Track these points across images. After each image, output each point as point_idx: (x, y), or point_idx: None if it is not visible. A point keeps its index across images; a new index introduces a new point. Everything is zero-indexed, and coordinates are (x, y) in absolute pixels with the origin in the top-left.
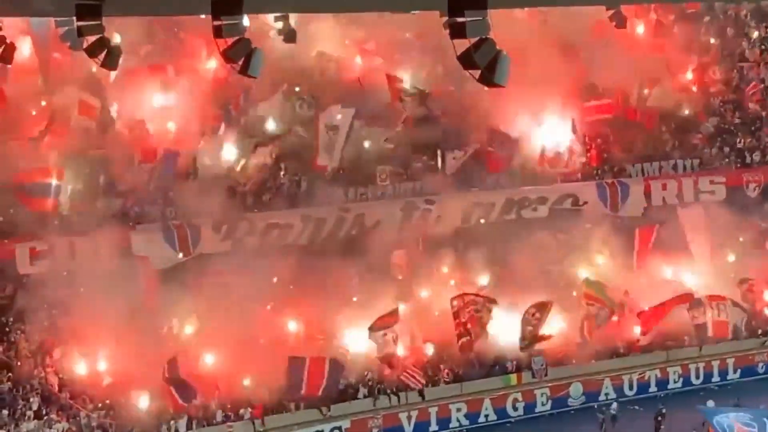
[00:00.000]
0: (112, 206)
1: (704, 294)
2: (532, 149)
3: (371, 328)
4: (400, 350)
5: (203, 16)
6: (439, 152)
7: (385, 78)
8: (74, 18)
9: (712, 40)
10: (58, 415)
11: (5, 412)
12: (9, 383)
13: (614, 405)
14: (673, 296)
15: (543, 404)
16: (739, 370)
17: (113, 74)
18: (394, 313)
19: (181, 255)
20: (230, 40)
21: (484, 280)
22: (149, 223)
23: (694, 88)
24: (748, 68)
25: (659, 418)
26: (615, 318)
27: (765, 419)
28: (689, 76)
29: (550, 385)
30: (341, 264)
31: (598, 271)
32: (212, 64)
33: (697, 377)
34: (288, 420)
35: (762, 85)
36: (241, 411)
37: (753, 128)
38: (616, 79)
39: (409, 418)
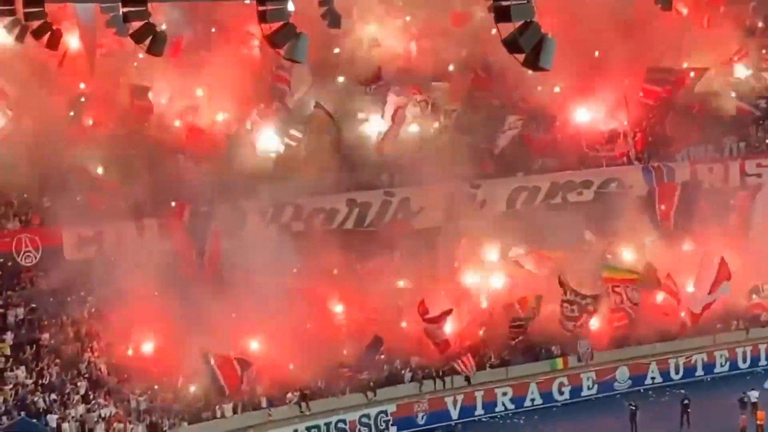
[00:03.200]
0: (157, 192)
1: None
2: (578, 132)
3: (425, 321)
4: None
5: (247, 1)
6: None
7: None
8: (119, 4)
9: (760, 24)
10: (106, 399)
11: (54, 396)
12: (57, 368)
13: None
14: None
15: (589, 388)
16: None
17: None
18: (445, 313)
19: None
20: (275, 25)
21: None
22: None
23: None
24: None
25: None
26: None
27: None
28: (736, 58)
29: (596, 369)
30: (386, 248)
31: (644, 253)
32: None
33: (744, 361)
34: (334, 404)
35: None
36: (288, 395)
37: None
38: (662, 62)
39: (454, 402)
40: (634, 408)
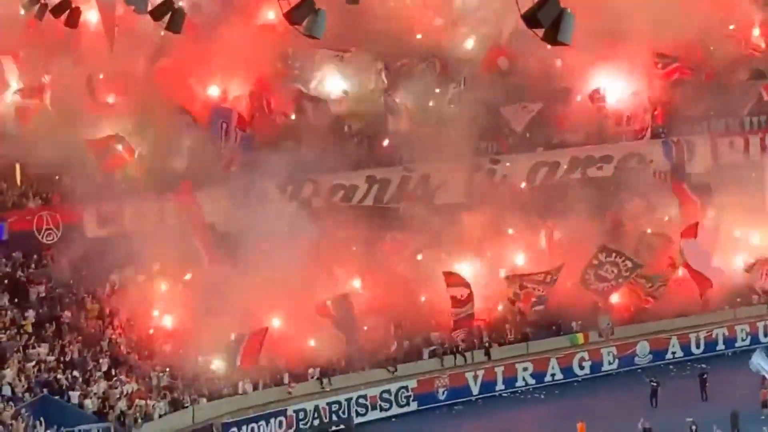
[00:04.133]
0: (178, 169)
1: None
2: (598, 107)
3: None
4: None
5: None
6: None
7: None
8: None
9: None
10: (127, 376)
11: (76, 373)
12: (78, 345)
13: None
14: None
15: (610, 363)
16: None
17: None
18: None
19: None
20: (294, 2)
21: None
22: (214, 186)
23: (763, 44)
24: None
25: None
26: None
27: None
28: (756, 32)
29: (616, 344)
30: (405, 223)
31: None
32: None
33: (765, 335)
34: (355, 380)
35: None
36: (309, 370)
37: None
38: (683, 36)
39: (475, 377)
40: (655, 384)
